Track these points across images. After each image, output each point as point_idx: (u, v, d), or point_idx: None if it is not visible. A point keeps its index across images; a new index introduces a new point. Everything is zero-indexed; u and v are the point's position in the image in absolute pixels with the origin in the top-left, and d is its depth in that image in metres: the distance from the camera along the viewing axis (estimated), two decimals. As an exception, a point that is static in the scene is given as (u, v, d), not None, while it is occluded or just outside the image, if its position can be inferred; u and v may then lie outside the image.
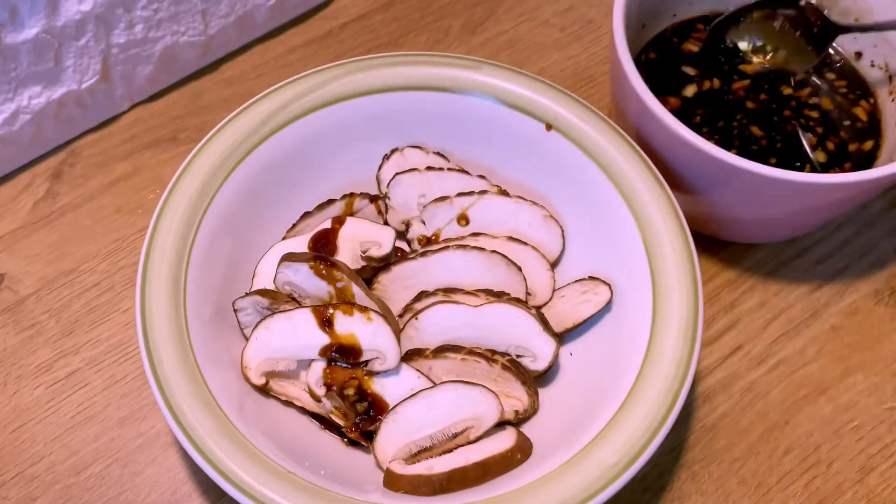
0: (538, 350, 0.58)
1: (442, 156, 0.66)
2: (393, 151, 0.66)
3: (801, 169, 0.64)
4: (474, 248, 0.60)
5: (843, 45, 0.70)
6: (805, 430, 0.62)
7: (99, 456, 0.60)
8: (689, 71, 0.69)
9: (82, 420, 0.61)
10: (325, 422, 0.57)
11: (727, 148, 0.61)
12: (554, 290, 0.62)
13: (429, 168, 0.65)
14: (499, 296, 0.59)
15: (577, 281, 0.61)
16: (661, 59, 0.70)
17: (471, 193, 0.64)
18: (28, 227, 0.70)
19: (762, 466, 0.61)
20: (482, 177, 0.65)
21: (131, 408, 0.62)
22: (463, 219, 0.64)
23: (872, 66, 0.69)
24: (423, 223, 0.64)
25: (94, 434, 0.61)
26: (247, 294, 0.58)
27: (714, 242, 0.69)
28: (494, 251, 0.60)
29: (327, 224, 0.62)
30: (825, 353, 0.65)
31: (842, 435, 0.62)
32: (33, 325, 0.65)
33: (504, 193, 0.64)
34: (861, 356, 0.65)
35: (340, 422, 0.56)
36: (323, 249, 0.61)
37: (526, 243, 0.62)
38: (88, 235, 0.69)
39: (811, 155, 0.65)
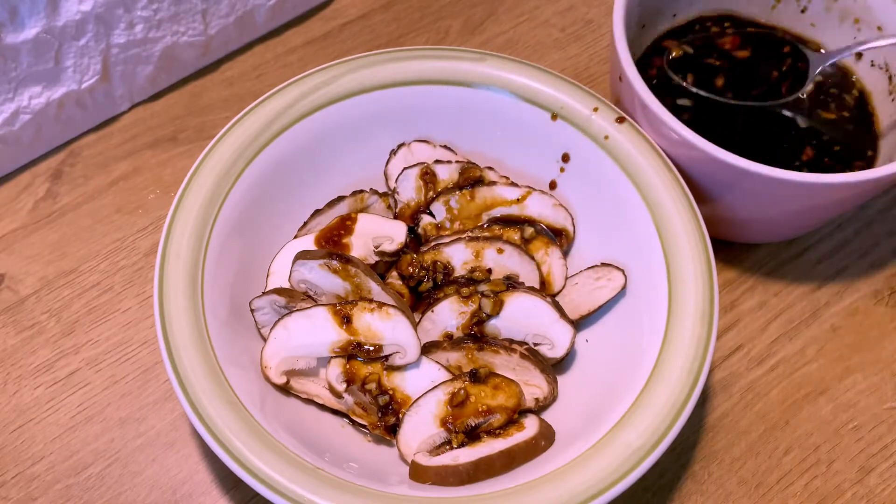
0: (556, 337, 0.58)
1: (449, 149, 0.66)
2: (400, 146, 0.66)
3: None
4: (486, 237, 0.61)
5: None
6: (805, 430, 0.62)
7: (99, 456, 0.60)
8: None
9: (82, 420, 0.61)
10: (346, 418, 0.57)
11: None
12: (567, 278, 0.62)
13: (436, 162, 0.65)
14: (515, 285, 0.59)
15: (589, 268, 0.62)
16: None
17: (480, 184, 0.63)
18: (28, 227, 0.69)
19: (762, 466, 0.60)
20: (490, 168, 0.65)
21: (131, 408, 0.62)
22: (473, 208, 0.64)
23: (872, 66, 0.69)
24: (433, 216, 0.64)
25: (94, 434, 0.61)
26: (264, 293, 0.58)
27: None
28: (507, 240, 0.60)
29: (335, 222, 0.62)
30: (825, 353, 0.65)
31: (842, 435, 0.62)
32: (33, 325, 0.65)
33: (512, 184, 0.64)
34: (861, 356, 0.65)
35: (362, 420, 0.56)
36: (333, 247, 0.61)
37: None
38: (88, 235, 0.69)
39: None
